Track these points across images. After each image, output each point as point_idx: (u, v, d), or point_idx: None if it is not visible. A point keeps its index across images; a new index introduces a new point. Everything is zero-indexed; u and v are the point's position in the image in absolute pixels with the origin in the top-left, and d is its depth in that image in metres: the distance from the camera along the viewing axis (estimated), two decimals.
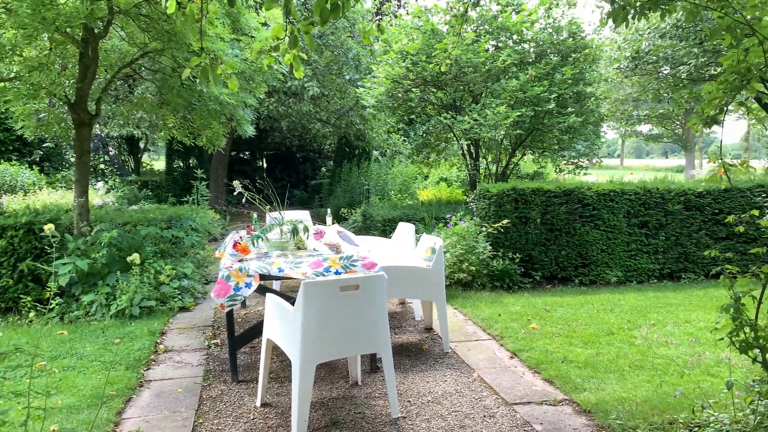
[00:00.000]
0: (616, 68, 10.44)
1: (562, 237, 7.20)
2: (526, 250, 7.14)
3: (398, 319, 5.76)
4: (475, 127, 8.29)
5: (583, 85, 8.77)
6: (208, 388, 4.05)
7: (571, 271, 7.26)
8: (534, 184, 7.25)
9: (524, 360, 4.53)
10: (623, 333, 5.17)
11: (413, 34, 8.76)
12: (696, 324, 5.42)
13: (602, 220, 7.24)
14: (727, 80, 2.64)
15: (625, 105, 27.23)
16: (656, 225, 7.33)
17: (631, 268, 7.31)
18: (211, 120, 6.78)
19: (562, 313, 5.84)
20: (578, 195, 7.21)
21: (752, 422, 3.07)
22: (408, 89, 8.97)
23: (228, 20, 6.45)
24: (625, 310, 5.93)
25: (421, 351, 4.83)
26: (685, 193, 7.37)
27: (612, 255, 7.27)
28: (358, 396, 3.90)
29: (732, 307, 2.48)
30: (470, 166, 9.86)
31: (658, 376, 4.14)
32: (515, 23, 8.66)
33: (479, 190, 7.53)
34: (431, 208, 9.18)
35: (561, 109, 8.77)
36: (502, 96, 8.47)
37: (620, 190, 7.28)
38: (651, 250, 7.34)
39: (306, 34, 3.35)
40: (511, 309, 5.96)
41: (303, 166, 21.39)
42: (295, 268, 4.06)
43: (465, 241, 6.93)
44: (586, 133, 9.07)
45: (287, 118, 12.36)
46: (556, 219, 7.16)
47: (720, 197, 7.42)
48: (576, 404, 3.73)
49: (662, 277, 7.40)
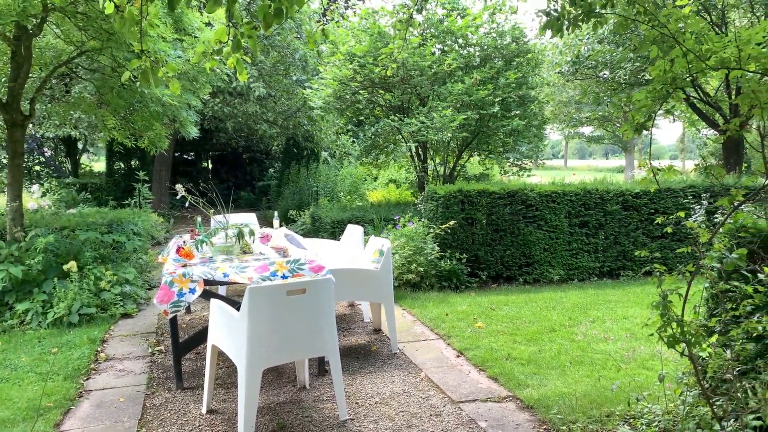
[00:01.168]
0: (557, 72, 10.79)
1: (507, 237, 7.38)
2: (472, 250, 7.29)
3: (347, 322, 5.77)
4: (422, 129, 8.39)
5: (526, 88, 9.01)
6: (152, 397, 3.96)
7: (515, 270, 7.45)
8: (479, 186, 7.40)
9: (470, 358, 4.62)
10: (565, 330, 5.35)
11: (360, 36, 8.79)
12: (633, 320, 5.66)
13: (545, 220, 7.46)
14: (655, 89, 2.78)
15: (567, 107, 28.11)
16: (596, 225, 7.62)
17: (573, 267, 7.56)
18: (153, 121, 6.60)
19: (507, 311, 5.99)
20: (522, 196, 7.40)
21: (682, 412, 3.24)
22: (356, 91, 8.99)
23: (170, 20, 6.30)
24: (567, 308, 6.14)
25: (369, 352, 4.86)
26: (622, 193, 7.69)
27: (554, 254, 7.50)
28: (305, 400, 3.89)
29: (660, 305, 2.62)
30: (418, 167, 9.97)
31: (596, 370, 4.31)
32: (460, 27, 8.82)
33: (427, 192, 7.63)
34: (380, 210, 9.23)
35: (505, 112, 8.98)
36: (448, 99, 8.61)
37: (561, 191, 7.52)
38: (591, 249, 7.62)
39: (250, 38, 3.32)
40: (458, 308, 6.07)
41: (250, 168, 21.09)
42: (240, 273, 4.01)
43: (413, 243, 7.01)
44: (530, 136, 9.33)
45: (233, 119, 12.17)
46: (501, 220, 7.34)
47: (655, 198, 7.77)
48: (519, 400, 3.84)
49: (602, 275, 7.69)
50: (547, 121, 10.36)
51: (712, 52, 2.73)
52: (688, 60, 2.69)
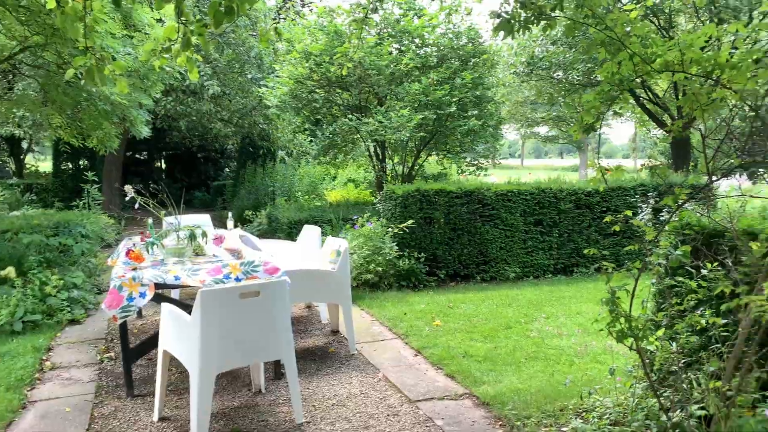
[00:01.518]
0: (512, 73, 10.97)
1: (465, 236, 7.45)
2: (430, 249, 7.33)
3: (304, 323, 5.71)
4: (380, 129, 8.39)
5: (483, 89, 9.12)
6: (101, 406, 3.82)
7: (473, 268, 7.53)
8: (437, 186, 7.45)
9: (428, 357, 4.64)
10: (520, 326, 5.44)
11: (317, 35, 8.73)
12: (585, 315, 5.79)
13: (501, 219, 7.56)
14: (603, 90, 2.84)
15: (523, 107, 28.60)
16: (550, 223, 7.77)
17: (528, 264, 7.70)
18: (102, 120, 6.40)
19: (465, 309, 6.05)
20: (478, 195, 7.49)
21: (631, 404, 3.33)
22: (312, 90, 8.92)
23: (119, 15, 6.12)
24: (522, 304, 6.24)
25: (327, 354, 4.82)
26: (575, 192, 7.86)
27: (510, 252, 7.62)
28: (261, 404, 3.83)
29: (609, 301, 2.68)
30: (377, 167, 9.97)
31: (550, 366, 4.39)
32: (417, 27, 8.86)
33: (385, 192, 7.63)
34: (339, 210, 9.19)
35: (462, 112, 9.07)
36: (405, 99, 8.63)
37: (517, 191, 7.64)
38: (546, 246, 7.77)
39: (200, 36, 3.24)
40: (417, 307, 6.09)
41: (205, 167, 20.68)
42: (192, 276, 3.92)
43: (372, 242, 7.00)
44: (486, 136, 9.44)
45: (186, 118, 11.90)
46: (459, 219, 7.40)
47: (607, 196, 7.98)
48: (475, 397, 3.88)
49: (556, 272, 7.85)
50: (503, 121, 10.51)
51: (657, 56, 2.80)
52: (634, 62, 2.76)
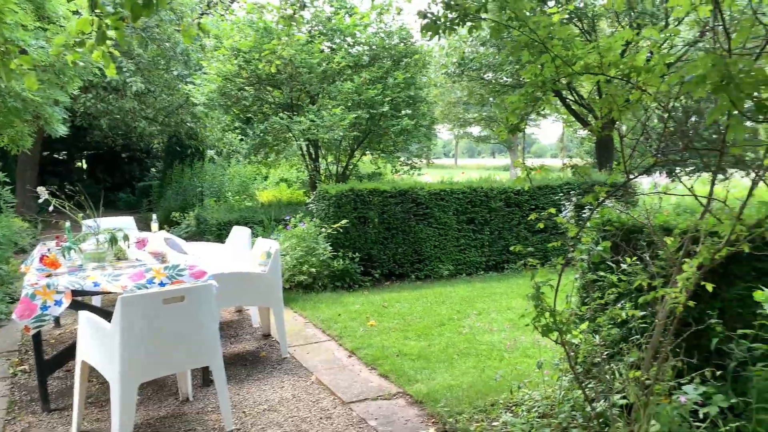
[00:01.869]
0: (444, 73, 11.14)
1: (399, 235, 7.48)
2: (365, 249, 7.31)
3: (234, 328, 5.56)
4: (312, 128, 8.30)
5: (415, 89, 9.20)
6: (13, 422, 3.57)
7: (408, 267, 7.58)
8: (371, 185, 7.45)
9: (362, 357, 4.62)
10: (453, 323, 5.51)
11: (246, 31, 8.53)
12: (515, 310, 5.94)
13: (434, 218, 7.65)
14: (527, 92, 2.90)
15: (456, 108, 29.11)
16: (482, 221, 7.93)
17: (461, 262, 7.83)
18: (13, 118, 5.98)
19: (399, 308, 6.07)
20: (412, 195, 7.54)
21: (559, 396, 3.43)
22: (241, 87, 8.71)
23: (31, 6, 5.74)
24: (456, 302, 6.33)
25: (258, 359, 4.71)
26: (505, 191, 8.06)
27: (444, 250, 7.71)
28: (189, 412, 3.69)
29: (534, 296, 2.75)
30: (310, 166, 9.87)
31: (482, 361, 4.47)
32: (348, 26, 8.82)
33: (319, 192, 7.55)
34: (271, 210, 9.02)
35: (395, 112, 9.11)
36: (338, 98, 8.58)
37: (449, 190, 7.75)
38: (478, 244, 7.92)
39: (116, 29, 3.08)
40: (351, 308, 6.06)
41: (129, 167, 19.80)
42: (113, 282, 3.73)
43: (305, 243, 6.91)
44: (419, 135, 9.53)
45: (108, 116, 11.35)
46: (393, 218, 7.43)
47: (535, 195, 8.23)
48: (409, 396, 3.89)
49: (488, 269, 8.02)
50: (436, 121, 10.64)
51: (578, 58, 2.89)
52: (556, 65, 2.83)
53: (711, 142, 14.14)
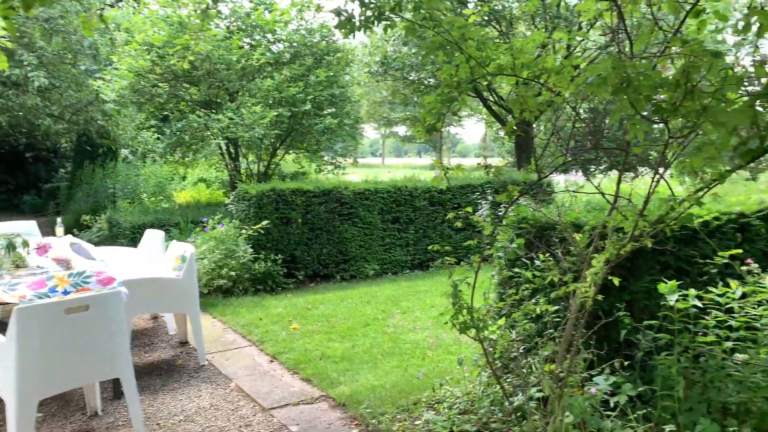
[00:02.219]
0: (367, 72, 11.14)
1: (323, 235, 7.40)
2: (288, 250, 7.18)
3: (149, 336, 5.30)
4: (231, 126, 8.06)
5: (337, 87, 9.13)
6: None
7: (333, 268, 7.50)
8: (293, 185, 7.32)
9: (284, 362, 4.52)
10: (378, 323, 5.50)
11: (159, 25, 8.15)
12: (439, 308, 5.98)
13: (359, 217, 7.62)
14: (443, 92, 2.92)
15: (381, 107, 29.26)
16: (407, 220, 7.98)
17: (387, 261, 7.84)
18: None
19: (323, 310, 5.99)
20: (336, 194, 7.47)
21: (479, 392, 3.48)
22: (155, 84, 8.33)
23: None
24: (381, 301, 6.32)
25: (174, 367, 4.50)
26: (429, 190, 8.15)
27: (369, 250, 7.70)
28: (98, 428, 3.47)
29: (452, 294, 2.77)
30: (230, 166, 9.59)
31: (405, 360, 4.48)
32: (268, 22, 8.63)
33: (238, 192, 7.34)
34: (189, 212, 8.69)
35: (318, 110, 9.01)
36: (258, 95, 8.38)
37: (374, 189, 7.75)
38: (403, 243, 7.96)
39: (5, 19, 2.84)
40: (274, 311, 5.92)
41: (34, 168, 18.48)
42: (10, 291, 3.44)
43: (224, 245, 6.69)
44: (343, 134, 9.48)
45: (7, 113, 10.53)
46: (317, 218, 7.33)
47: (458, 193, 8.37)
48: (332, 399, 3.83)
49: (414, 267, 8.08)
50: (360, 120, 10.63)
51: (491, 59, 2.94)
52: (470, 66, 2.86)
53: (620, 142, 14.99)
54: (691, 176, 2.16)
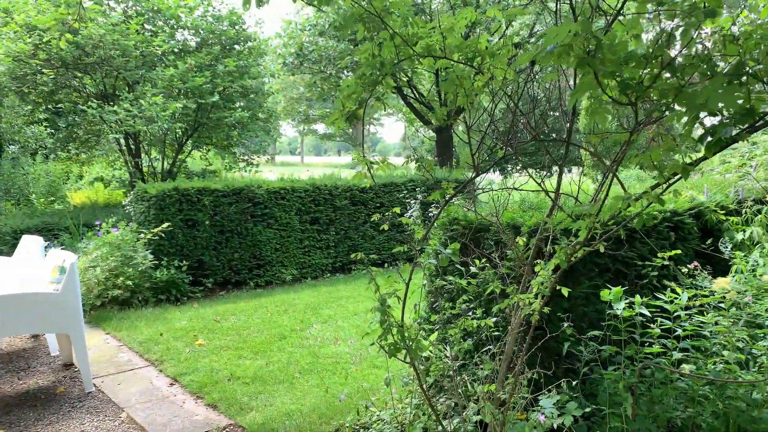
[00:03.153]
0: (282, 64, 10.52)
1: (235, 238, 6.80)
2: (195, 255, 6.53)
3: (26, 358, 4.54)
4: (129, 118, 7.26)
5: (249, 78, 8.51)
6: None
7: (245, 273, 6.92)
8: (199, 183, 6.67)
9: (186, 385, 3.95)
10: (296, 335, 5.01)
11: (43, 6, 7.19)
12: (363, 315, 5.60)
13: (275, 218, 7.08)
14: (364, 74, 2.50)
15: (299, 104, 28.52)
16: (327, 221, 7.51)
17: (306, 265, 7.34)
18: None
19: (234, 321, 5.43)
20: (249, 193, 6.90)
21: (409, 416, 3.10)
22: (38, 70, 7.35)
23: None
24: (299, 310, 5.83)
25: (54, 396, 3.82)
26: (350, 189, 7.72)
27: (286, 253, 7.18)
28: None
29: (380, 311, 2.36)
30: (131, 163, 8.73)
31: (327, 378, 4.03)
32: (170, 7, 7.88)
33: (137, 192, 6.61)
34: (83, 214, 7.78)
35: (227, 103, 8.36)
36: (160, 86, 7.63)
37: (291, 188, 7.23)
38: (323, 245, 7.49)
39: None
40: (177, 325, 5.30)
41: None
42: None
43: (120, 251, 5.96)
44: (256, 129, 8.86)
45: None
46: (227, 220, 6.73)
47: (380, 192, 8.00)
48: (242, 428, 3.33)
49: (335, 271, 7.64)
50: (276, 115, 10.03)
51: (419, 38, 2.55)
52: (395, 44, 2.46)
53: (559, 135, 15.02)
54: (650, 170, 1.86)
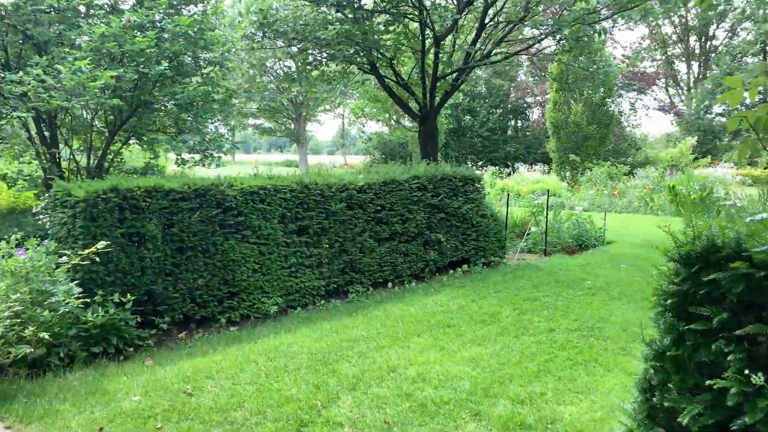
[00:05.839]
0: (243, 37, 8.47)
1: (198, 258, 4.85)
2: (143, 285, 4.54)
3: None
4: (42, 91, 5.14)
5: (205, 44, 6.50)
6: None
7: (214, 306, 4.97)
8: (149, 182, 4.69)
9: None
10: (320, 419, 3.19)
11: None
12: (404, 373, 3.82)
13: (252, 228, 5.17)
14: None
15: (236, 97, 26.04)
16: (318, 230, 5.67)
17: (293, 290, 5.47)
18: None
19: (215, 393, 3.52)
20: (217, 196, 4.96)
21: None
22: None
23: None
24: (305, 365, 3.99)
25: None
26: (345, 187, 5.91)
27: (268, 275, 5.28)
28: None
29: None
30: (44, 155, 6.51)
31: None
32: None
33: (56, 194, 4.55)
34: None
35: (178, 76, 6.33)
36: (84, 48, 5.53)
37: (272, 187, 5.34)
38: (314, 262, 5.64)
39: None
40: (125, 405, 3.34)
41: None
42: None
43: (28, 285, 3.91)
44: (214, 110, 6.86)
45: None
46: (188, 232, 4.77)
47: (381, 191, 6.22)
48: None
49: (329, 296, 5.81)
50: (235, 95, 8.06)
51: None
52: None
53: None
54: None
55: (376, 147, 31.35)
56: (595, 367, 3.89)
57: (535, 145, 26.91)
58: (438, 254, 6.74)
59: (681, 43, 31.69)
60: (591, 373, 3.78)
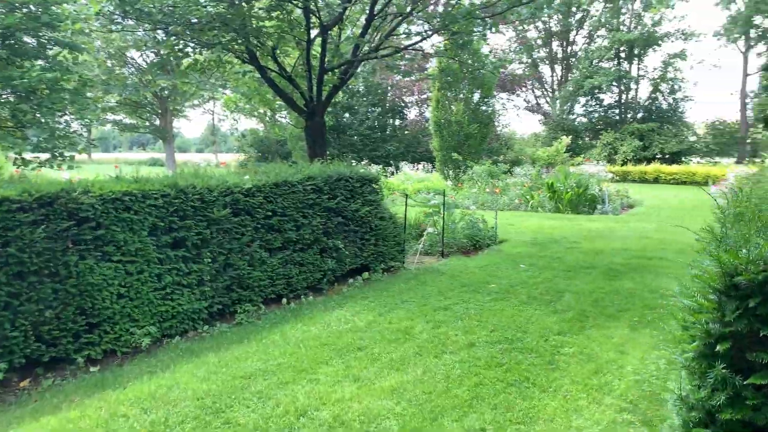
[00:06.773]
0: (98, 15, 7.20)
1: (46, 285, 3.84)
2: None
3: None
4: None
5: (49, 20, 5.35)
6: None
7: (68, 343, 3.97)
8: None
9: None
10: None
11: None
12: (317, 414, 3.18)
13: (116, 243, 4.22)
14: None
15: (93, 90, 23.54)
16: (197, 241, 4.81)
17: (169, 315, 4.58)
18: None
19: None
20: (69, 204, 3.97)
21: None
22: None
23: None
24: (191, 415, 3.22)
25: None
26: (230, 191, 5.10)
27: (138, 299, 4.35)
28: None
29: None
30: None
31: None
32: None
33: None
34: None
35: (15, 57, 5.13)
36: None
37: (141, 192, 4.41)
38: (194, 280, 4.78)
39: None
40: None
41: None
42: None
43: None
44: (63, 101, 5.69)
45: None
46: (30, 252, 3.75)
47: (271, 194, 5.49)
48: None
49: (213, 318, 4.97)
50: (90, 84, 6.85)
51: None
52: None
53: None
54: None
55: (251, 144, 29.94)
56: (528, 387, 3.51)
57: (414, 144, 27.17)
58: (336, 262, 6.13)
59: (545, 47, 33.67)
60: (527, 396, 3.39)
